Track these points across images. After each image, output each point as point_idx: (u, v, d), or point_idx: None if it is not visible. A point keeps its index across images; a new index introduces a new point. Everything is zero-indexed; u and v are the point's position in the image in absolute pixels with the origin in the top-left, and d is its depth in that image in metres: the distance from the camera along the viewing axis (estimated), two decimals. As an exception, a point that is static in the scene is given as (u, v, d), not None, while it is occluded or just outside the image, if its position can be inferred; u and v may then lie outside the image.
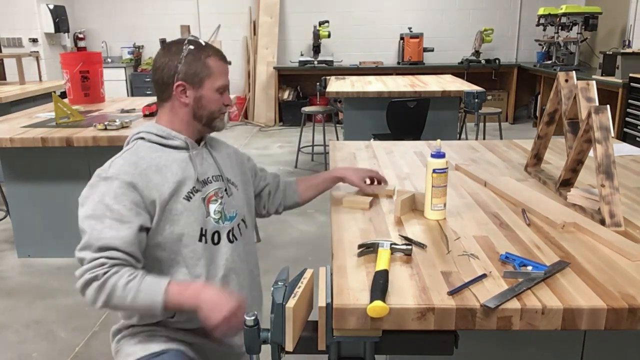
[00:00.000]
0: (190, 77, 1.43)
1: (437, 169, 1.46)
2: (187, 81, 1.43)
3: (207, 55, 1.44)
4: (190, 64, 1.43)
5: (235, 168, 1.60)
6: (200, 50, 1.44)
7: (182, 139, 1.46)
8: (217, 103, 1.48)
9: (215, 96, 1.46)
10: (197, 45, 1.45)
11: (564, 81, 1.78)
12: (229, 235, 1.49)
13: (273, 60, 7.71)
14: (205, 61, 1.44)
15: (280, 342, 1.09)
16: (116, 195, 1.35)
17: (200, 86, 1.44)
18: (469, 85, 4.85)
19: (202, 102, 1.46)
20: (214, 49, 1.48)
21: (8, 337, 2.56)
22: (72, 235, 3.46)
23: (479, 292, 1.08)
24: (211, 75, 1.45)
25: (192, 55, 1.43)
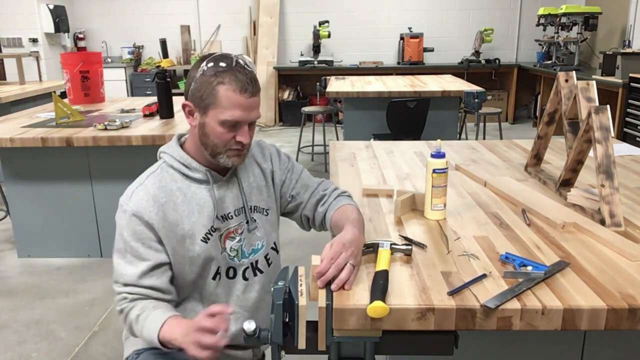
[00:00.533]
0: (197, 100, 1.29)
1: (437, 169, 1.45)
2: (194, 103, 1.30)
3: (220, 82, 1.25)
4: (199, 86, 1.27)
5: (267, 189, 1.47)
6: (216, 74, 1.26)
7: (202, 172, 1.36)
8: (222, 137, 1.29)
9: (218, 129, 1.28)
10: (216, 64, 1.26)
11: (564, 81, 1.78)
12: (245, 273, 1.44)
13: (273, 60, 7.71)
14: (215, 88, 1.25)
15: (280, 343, 1.09)
16: (134, 233, 1.32)
17: (204, 113, 1.29)
18: (469, 85, 4.85)
19: (205, 129, 1.31)
20: (234, 76, 1.26)
21: (8, 337, 2.56)
22: (72, 235, 3.49)
23: (479, 292, 1.08)
24: (217, 106, 1.26)
25: (205, 77, 1.26)
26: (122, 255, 1.34)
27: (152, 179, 1.36)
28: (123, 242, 1.33)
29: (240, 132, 1.30)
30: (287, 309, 1.08)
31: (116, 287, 1.36)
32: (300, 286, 1.10)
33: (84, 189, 3.22)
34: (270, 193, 1.48)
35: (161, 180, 1.35)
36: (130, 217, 1.31)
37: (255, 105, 1.30)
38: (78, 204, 3.24)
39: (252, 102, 1.28)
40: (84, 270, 3.21)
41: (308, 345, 1.09)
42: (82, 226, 3.29)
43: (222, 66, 1.26)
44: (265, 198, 1.46)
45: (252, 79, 1.28)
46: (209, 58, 1.29)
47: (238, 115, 1.27)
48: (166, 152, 1.40)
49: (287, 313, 1.09)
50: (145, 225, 1.31)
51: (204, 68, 1.27)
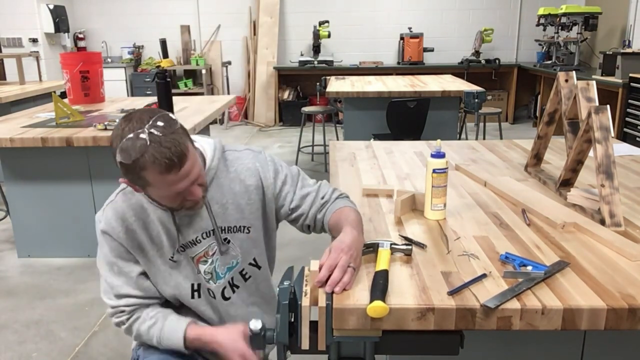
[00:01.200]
0: (132, 180, 1.22)
1: (437, 169, 1.45)
2: (129, 181, 1.24)
3: (141, 168, 1.15)
4: (125, 172, 1.20)
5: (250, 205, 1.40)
6: (134, 162, 1.14)
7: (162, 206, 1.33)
8: (172, 202, 1.26)
9: (165, 200, 1.26)
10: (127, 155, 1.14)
11: (564, 81, 1.78)
12: (224, 292, 1.43)
13: (273, 60, 7.71)
14: (141, 175, 1.17)
15: (286, 342, 1.09)
16: (112, 249, 1.35)
17: (144, 189, 1.24)
18: (469, 85, 4.85)
19: (152, 198, 1.30)
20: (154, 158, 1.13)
21: (8, 337, 2.56)
22: (72, 235, 3.48)
23: (479, 292, 1.08)
24: (152, 187, 1.21)
25: (125, 167, 1.17)
26: (109, 268, 1.37)
27: (122, 196, 1.36)
28: (104, 256, 1.37)
29: (188, 194, 1.24)
30: (293, 309, 1.09)
31: (108, 300, 1.38)
32: (305, 286, 1.10)
33: (84, 189, 3.22)
34: (253, 210, 1.41)
35: (131, 198, 1.35)
36: (103, 235, 1.35)
37: (189, 171, 1.20)
38: (78, 204, 3.24)
39: (185, 172, 1.19)
40: (84, 270, 3.21)
41: (309, 345, 1.10)
42: (82, 226, 3.28)
43: (138, 149, 1.13)
44: (247, 216, 1.40)
45: (174, 153, 1.15)
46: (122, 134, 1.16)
47: (177, 188, 1.21)
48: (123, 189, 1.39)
49: (293, 313, 1.09)
50: (117, 243, 1.35)
51: (119, 155, 1.15)
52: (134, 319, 1.36)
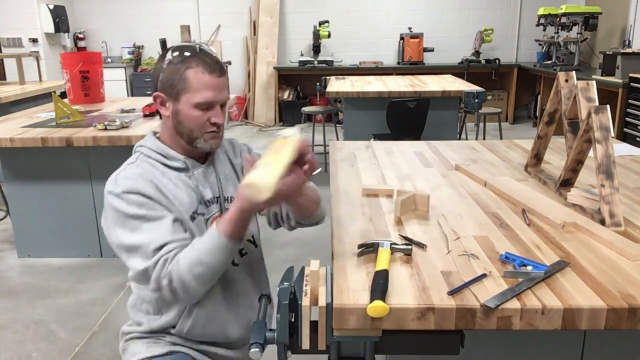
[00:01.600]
0: (168, 88, 1.31)
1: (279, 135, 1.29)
2: (165, 92, 1.32)
3: (188, 67, 1.29)
4: (168, 75, 1.31)
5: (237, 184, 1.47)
6: (183, 60, 1.30)
7: (180, 160, 1.37)
8: (197, 121, 1.32)
9: (193, 113, 1.31)
10: (181, 53, 1.30)
11: (564, 81, 1.78)
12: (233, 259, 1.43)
13: (273, 60, 7.71)
14: (184, 73, 1.29)
15: (286, 342, 1.09)
16: (139, 205, 1.28)
17: (176, 100, 1.31)
18: (469, 85, 4.85)
19: (179, 117, 1.33)
20: (201, 60, 1.30)
21: (8, 337, 2.56)
22: (72, 235, 3.48)
23: (479, 292, 1.08)
24: (188, 90, 1.29)
25: (172, 65, 1.30)
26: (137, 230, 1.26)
27: (133, 167, 1.36)
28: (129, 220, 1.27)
29: (214, 113, 1.33)
30: (293, 309, 1.09)
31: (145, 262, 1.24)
32: (305, 286, 1.10)
33: (84, 189, 3.22)
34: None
35: (142, 169, 1.35)
36: (128, 195, 1.28)
37: (224, 86, 1.33)
38: (78, 204, 3.24)
39: (221, 82, 1.32)
40: (84, 270, 3.21)
41: (310, 345, 1.10)
42: (82, 226, 3.29)
43: (188, 54, 1.30)
44: None
45: (218, 62, 1.33)
46: (173, 48, 1.33)
47: (210, 96, 1.30)
48: (143, 145, 1.40)
49: (293, 313, 1.09)
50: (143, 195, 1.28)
51: (169, 57, 1.31)
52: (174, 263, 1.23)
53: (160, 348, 1.43)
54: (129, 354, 1.46)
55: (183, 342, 1.45)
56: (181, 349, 1.44)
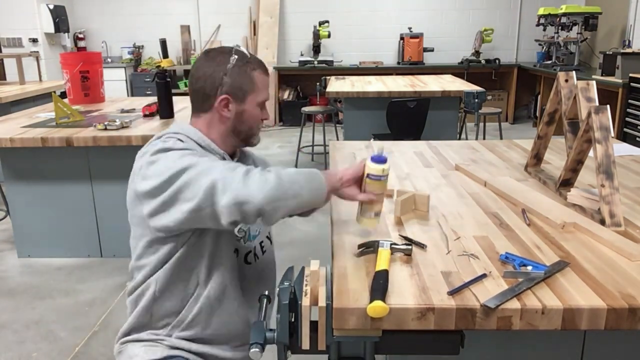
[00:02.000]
0: (235, 90, 1.37)
1: (372, 174, 1.28)
2: (232, 94, 1.37)
3: (252, 68, 1.39)
4: (236, 77, 1.37)
5: None
6: (246, 63, 1.38)
7: (220, 154, 1.41)
8: (257, 118, 1.42)
9: (256, 111, 1.41)
10: (242, 56, 1.39)
11: (564, 81, 1.78)
12: (247, 257, 1.47)
13: (273, 60, 7.71)
14: (251, 74, 1.38)
15: (286, 342, 1.09)
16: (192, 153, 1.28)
17: (243, 101, 1.39)
18: (469, 85, 4.85)
19: (243, 117, 1.40)
20: (258, 61, 1.42)
21: (8, 337, 2.56)
22: (72, 235, 3.48)
23: (479, 292, 1.08)
24: (255, 90, 1.39)
25: (238, 68, 1.37)
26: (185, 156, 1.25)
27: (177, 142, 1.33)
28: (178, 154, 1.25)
29: (265, 112, 1.44)
30: (293, 309, 1.09)
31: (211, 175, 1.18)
32: (305, 286, 1.10)
33: (84, 189, 3.22)
34: None
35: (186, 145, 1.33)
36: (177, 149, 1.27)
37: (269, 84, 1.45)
38: (78, 204, 3.24)
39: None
40: (84, 270, 3.21)
41: (310, 345, 1.10)
42: (82, 226, 3.29)
43: (245, 55, 1.40)
44: None
45: None
46: (228, 52, 1.39)
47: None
48: (180, 133, 1.38)
49: (293, 313, 1.09)
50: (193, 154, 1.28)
51: (233, 62, 1.37)
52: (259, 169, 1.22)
53: (158, 352, 1.41)
54: (125, 356, 1.45)
55: (182, 345, 1.44)
56: (180, 353, 1.42)
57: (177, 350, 1.43)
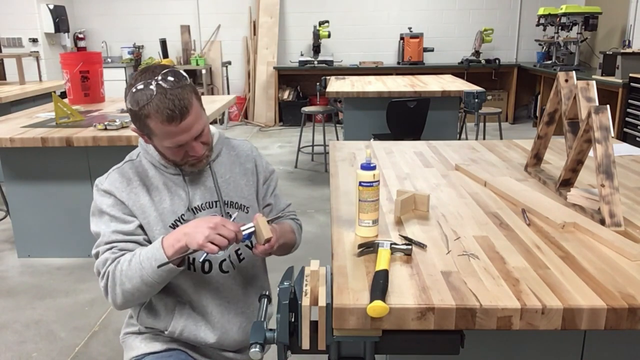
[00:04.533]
0: (138, 127, 1.32)
1: (363, 181, 1.32)
2: (139, 130, 1.33)
3: (146, 116, 1.25)
4: (132, 118, 1.30)
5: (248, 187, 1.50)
6: (140, 109, 1.24)
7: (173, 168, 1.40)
8: (175, 155, 1.33)
9: (168, 151, 1.33)
10: (140, 98, 1.24)
11: (564, 81, 1.78)
12: (221, 265, 1.44)
13: (273, 60, 7.71)
14: (144, 122, 1.26)
15: (286, 342, 1.09)
16: (113, 205, 1.36)
17: (150, 138, 1.33)
18: (469, 85, 4.85)
19: (158, 149, 1.37)
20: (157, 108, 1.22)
21: (8, 337, 2.56)
22: (72, 235, 3.48)
23: (479, 292, 1.08)
24: (155, 136, 1.29)
25: (133, 112, 1.27)
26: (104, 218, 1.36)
27: (130, 164, 1.42)
28: (99, 212, 1.37)
29: (189, 149, 1.32)
30: (293, 309, 1.09)
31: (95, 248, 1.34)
32: (305, 286, 1.10)
33: (84, 189, 3.22)
34: (251, 192, 1.51)
35: (138, 167, 1.40)
36: (105, 194, 1.36)
37: (191, 125, 1.27)
38: (78, 204, 3.24)
39: (187, 124, 1.26)
40: (84, 270, 3.21)
41: (310, 345, 1.09)
42: (82, 226, 3.27)
43: (143, 99, 1.23)
44: (246, 196, 1.49)
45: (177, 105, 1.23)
46: (134, 83, 1.26)
47: (179, 141, 1.28)
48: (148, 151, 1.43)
49: (293, 313, 1.09)
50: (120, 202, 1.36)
51: (128, 104, 1.27)
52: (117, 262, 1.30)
53: (158, 345, 1.45)
54: (127, 348, 1.49)
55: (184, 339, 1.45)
56: (179, 347, 1.45)
57: (176, 343, 1.44)
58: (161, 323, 1.42)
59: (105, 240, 1.33)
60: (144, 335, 1.47)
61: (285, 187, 4.75)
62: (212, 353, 1.49)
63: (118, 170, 1.41)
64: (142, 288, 1.27)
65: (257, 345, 1.08)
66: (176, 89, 1.24)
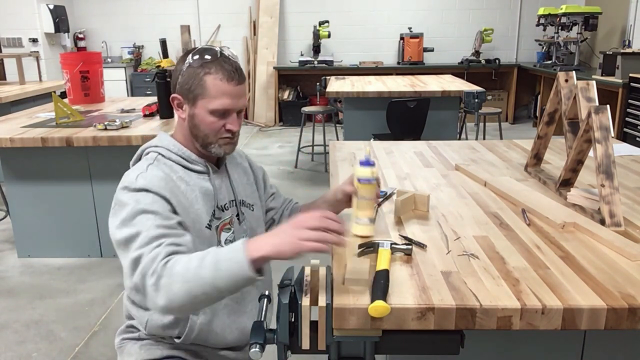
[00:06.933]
0: (185, 92, 1.31)
1: (362, 178, 1.30)
2: (182, 95, 1.32)
3: (206, 72, 1.28)
4: (186, 78, 1.30)
5: (249, 186, 1.51)
6: (202, 65, 1.28)
7: (201, 163, 1.37)
8: (212, 126, 1.31)
9: (208, 119, 1.30)
10: (202, 56, 1.29)
11: (564, 81, 1.78)
12: None
13: (273, 60, 7.71)
14: (202, 78, 1.28)
15: (286, 342, 1.09)
16: (153, 202, 1.22)
17: (193, 104, 1.31)
18: (469, 85, 4.85)
19: (195, 121, 1.32)
20: (220, 66, 1.28)
21: (8, 337, 2.56)
22: (72, 235, 3.48)
23: (479, 292, 1.08)
24: (205, 96, 1.29)
25: (192, 69, 1.29)
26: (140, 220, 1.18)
27: (153, 168, 1.30)
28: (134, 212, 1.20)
29: (230, 120, 1.33)
30: (293, 309, 1.09)
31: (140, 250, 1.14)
32: (305, 286, 1.10)
33: (84, 189, 3.22)
34: (253, 190, 1.53)
35: (163, 170, 1.31)
36: (146, 193, 1.22)
37: (242, 93, 1.32)
38: (78, 204, 3.24)
39: (239, 90, 1.31)
40: (84, 270, 3.21)
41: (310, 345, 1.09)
42: (82, 226, 3.29)
43: (208, 58, 1.29)
44: (250, 194, 1.50)
45: (238, 68, 1.31)
46: (194, 51, 1.31)
47: (227, 104, 1.30)
48: (160, 146, 1.37)
49: (293, 313, 1.09)
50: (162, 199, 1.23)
51: (189, 61, 1.30)
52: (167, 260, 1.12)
53: (158, 351, 1.41)
54: (125, 354, 1.45)
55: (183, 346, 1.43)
56: (179, 354, 1.42)
57: (176, 351, 1.42)
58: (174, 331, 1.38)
59: (151, 236, 1.15)
60: (143, 341, 1.44)
61: (285, 187, 4.74)
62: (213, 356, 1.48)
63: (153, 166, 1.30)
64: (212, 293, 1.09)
65: (257, 345, 1.08)
66: (236, 60, 1.33)
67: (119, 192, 1.28)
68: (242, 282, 1.09)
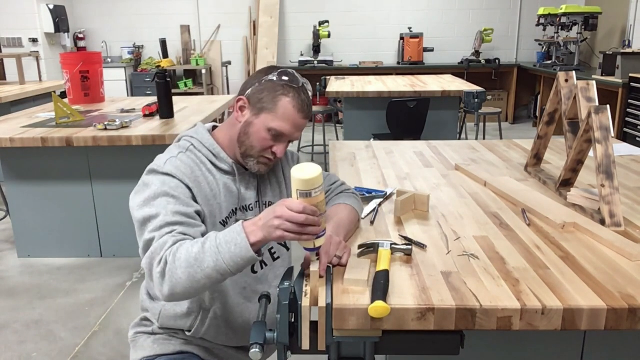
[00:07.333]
0: (255, 100, 1.33)
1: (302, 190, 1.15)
2: (250, 101, 1.34)
3: (284, 93, 1.31)
4: (263, 89, 1.33)
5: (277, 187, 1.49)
6: (284, 86, 1.32)
7: (229, 164, 1.38)
8: (262, 142, 1.33)
9: (263, 134, 1.32)
10: (286, 79, 1.33)
11: (564, 81, 1.78)
12: (253, 266, 1.43)
13: (273, 60, 7.71)
14: (278, 96, 1.31)
15: (286, 343, 1.09)
16: (177, 187, 1.27)
17: (257, 114, 1.33)
18: (469, 85, 4.85)
19: (249, 129, 1.34)
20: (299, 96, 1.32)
21: (8, 337, 2.56)
22: (72, 235, 3.48)
23: (479, 292, 1.08)
24: (272, 112, 1.31)
25: (272, 84, 1.32)
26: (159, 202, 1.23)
27: (184, 156, 1.34)
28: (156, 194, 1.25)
29: (279, 145, 1.35)
30: (293, 309, 1.09)
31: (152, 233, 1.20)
32: (305, 287, 1.10)
33: (84, 189, 3.22)
34: (282, 189, 1.50)
35: (193, 160, 1.35)
36: (170, 178, 1.28)
37: (302, 128, 1.36)
38: (78, 204, 3.24)
39: (302, 124, 1.35)
40: (84, 270, 3.21)
41: (310, 345, 1.09)
42: (82, 226, 3.29)
43: (291, 83, 1.34)
44: (278, 195, 1.49)
45: (310, 106, 1.36)
46: (281, 70, 1.36)
47: (287, 129, 1.32)
48: (194, 137, 1.39)
49: (293, 313, 1.09)
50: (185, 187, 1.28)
51: (274, 77, 1.34)
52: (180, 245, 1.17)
53: (171, 347, 1.43)
54: (138, 347, 1.47)
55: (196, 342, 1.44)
56: (192, 350, 1.43)
57: (189, 347, 1.43)
58: (185, 323, 1.40)
59: (166, 221, 1.20)
60: (157, 336, 1.45)
61: (285, 187, 4.74)
62: (225, 355, 1.48)
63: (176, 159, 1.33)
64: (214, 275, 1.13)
65: (257, 345, 1.08)
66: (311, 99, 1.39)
67: (147, 172, 1.33)
68: (244, 263, 1.15)
